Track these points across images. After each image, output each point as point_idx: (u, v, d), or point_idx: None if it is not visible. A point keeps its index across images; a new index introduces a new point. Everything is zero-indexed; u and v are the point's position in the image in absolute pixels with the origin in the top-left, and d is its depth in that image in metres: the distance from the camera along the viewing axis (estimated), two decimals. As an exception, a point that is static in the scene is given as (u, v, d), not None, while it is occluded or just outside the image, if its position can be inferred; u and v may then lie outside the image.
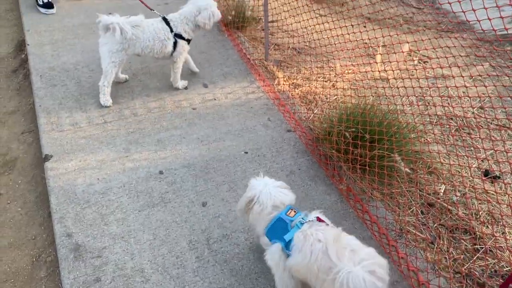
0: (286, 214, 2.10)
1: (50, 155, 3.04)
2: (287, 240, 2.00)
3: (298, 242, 1.95)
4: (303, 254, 1.91)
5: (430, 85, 3.43)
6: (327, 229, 1.98)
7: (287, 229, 2.04)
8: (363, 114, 3.02)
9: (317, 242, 1.89)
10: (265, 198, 2.12)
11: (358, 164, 2.90)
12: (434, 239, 2.71)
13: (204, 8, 3.39)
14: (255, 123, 3.50)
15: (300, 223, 2.04)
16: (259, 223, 2.16)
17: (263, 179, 2.23)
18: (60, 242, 2.53)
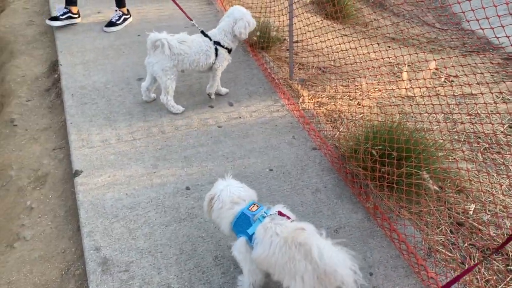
0: (248, 209, 2.17)
1: (80, 171, 3.11)
2: (250, 233, 2.09)
3: (259, 235, 2.04)
4: (263, 247, 2.00)
5: (457, 103, 3.40)
6: (286, 224, 2.04)
7: (250, 223, 2.11)
8: (390, 132, 3.01)
9: (275, 236, 1.98)
10: (224, 195, 2.21)
11: (386, 182, 2.87)
12: (465, 259, 2.64)
13: (239, 18, 3.56)
14: (279, 141, 3.52)
15: (262, 216, 2.10)
16: (222, 220, 2.24)
17: (228, 180, 2.31)
18: (88, 256, 2.56)
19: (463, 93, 3.71)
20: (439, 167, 2.82)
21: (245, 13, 3.61)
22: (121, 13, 4.92)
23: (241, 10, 3.62)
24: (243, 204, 2.21)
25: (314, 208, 2.94)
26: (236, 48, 3.78)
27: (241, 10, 3.62)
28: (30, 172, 3.29)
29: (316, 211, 2.92)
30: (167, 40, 3.34)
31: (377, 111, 3.64)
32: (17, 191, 3.14)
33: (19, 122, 3.79)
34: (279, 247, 1.94)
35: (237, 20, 3.57)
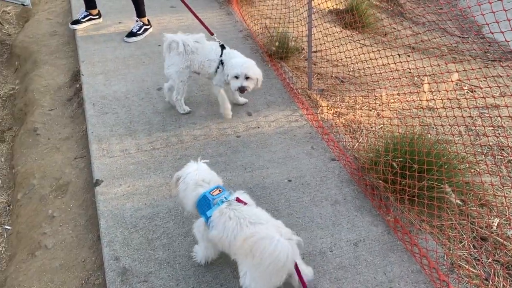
0: (210, 193, 2.30)
1: (101, 180, 3.15)
2: (208, 215, 2.24)
3: (214, 219, 2.21)
4: (218, 229, 2.18)
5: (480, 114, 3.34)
6: (241, 209, 2.20)
7: (210, 206, 2.26)
8: (411, 144, 2.97)
9: (228, 220, 2.15)
10: (189, 177, 2.37)
11: (406, 195, 2.83)
12: (489, 276, 2.57)
13: (232, 77, 3.41)
14: (298, 151, 3.51)
15: (221, 201, 2.25)
16: (186, 199, 2.39)
17: (199, 163, 2.47)
18: (108, 266, 2.58)
19: (486, 104, 3.64)
20: (462, 180, 2.77)
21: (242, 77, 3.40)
22: (142, 23, 5.00)
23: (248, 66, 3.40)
24: (207, 187, 2.35)
25: (333, 221, 2.91)
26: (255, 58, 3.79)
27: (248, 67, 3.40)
28: (52, 181, 3.34)
29: (335, 223, 2.89)
30: (182, 39, 3.44)
31: (398, 122, 3.60)
32: (39, 200, 3.19)
33: (42, 131, 3.86)
34: (231, 230, 2.12)
35: (229, 75, 3.43)
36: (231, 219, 2.15)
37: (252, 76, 3.34)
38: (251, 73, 3.33)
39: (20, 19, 6.11)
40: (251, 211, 2.22)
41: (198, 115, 3.86)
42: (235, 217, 2.15)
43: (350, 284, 2.51)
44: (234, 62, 3.36)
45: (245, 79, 3.33)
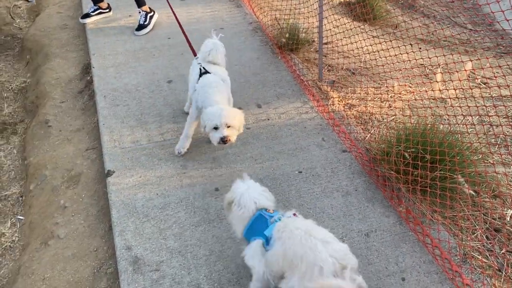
0: (266, 211, 2.17)
1: (112, 171, 3.17)
2: (267, 235, 2.07)
3: (277, 232, 2.04)
4: (282, 241, 1.99)
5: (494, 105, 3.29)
6: (304, 222, 2.08)
7: (267, 225, 2.10)
8: (423, 135, 2.94)
9: (295, 229, 1.98)
10: (244, 201, 2.18)
11: (418, 185, 2.80)
12: (502, 266, 2.55)
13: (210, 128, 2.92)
14: (309, 143, 3.49)
15: (279, 218, 2.11)
16: (237, 223, 2.24)
17: (247, 181, 2.29)
18: (120, 255, 2.60)
19: (501, 95, 3.60)
20: (475, 170, 2.74)
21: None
22: (145, 13, 4.98)
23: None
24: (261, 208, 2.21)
25: (344, 212, 2.90)
26: (264, 50, 3.74)
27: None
28: (64, 172, 3.37)
29: (346, 214, 2.88)
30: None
31: (409, 113, 3.57)
32: (52, 191, 3.22)
33: (54, 123, 3.89)
34: (299, 238, 1.93)
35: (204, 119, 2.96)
36: (298, 229, 1.98)
37: (233, 124, 2.89)
38: (231, 121, 2.87)
39: (31, 13, 6.15)
40: (317, 228, 2.03)
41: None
42: (303, 228, 1.98)
43: (362, 274, 2.46)
44: (209, 112, 2.87)
45: (226, 128, 2.87)
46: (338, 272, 1.81)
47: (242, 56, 4.55)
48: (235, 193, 2.23)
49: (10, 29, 5.70)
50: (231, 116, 2.87)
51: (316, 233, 1.95)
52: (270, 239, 2.07)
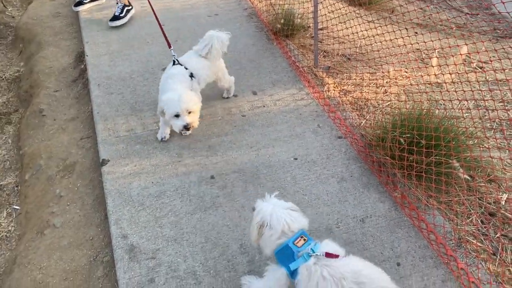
0: (294, 243, 1.98)
1: (107, 160, 3.15)
2: (292, 269, 1.93)
3: (303, 279, 1.89)
4: None
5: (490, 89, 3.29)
6: (335, 265, 1.86)
7: (294, 257, 1.95)
8: (419, 120, 2.93)
9: (322, 280, 1.83)
10: (275, 222, 2.01)
11: (414, 171, 2.80)
12: (497, 250, 2.57)
13: (171, 116, 2.91)
14: (304, 129, 3.48)
15: (308, 254, 1.92)
16: (268, 246, 2.06)
17: (271, 200, 2.13)
18: (116, 243, 2.60)
19: (497, 79, 3.58)
20: (470, 155, 2.74)
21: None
22: (122, 5, 4.87)
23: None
24: (291, 235, 2.02)
25: (339, 197, 2.90)
26: (260, 36, 3.70)
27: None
28: (58, 161, 3.35)
29: (341, 200, 2.88)
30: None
31: (405, 98, 3.55)
32: (47, 180, 3.21)
33: (48, 112, 3.86)
34: None
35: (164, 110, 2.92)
36: (325, 279, 1.82)
37: (194, 108, 2.82)
38: (192, 106, 2.80)
39: (24, 1, 6.07)
40: (349, 266, 1.87)
41: (203, 94, 3.82)
42: (330, 277, 1.82)
43: (357, 260, 2.51)
44: (166, 98, 2.79)
45: (187, 114, 2.80)
46: None
47: (237, 43, 4.50)
48: (264, 214, 2.05)
49: (3, 17, 5.63)
50: (191, 102, 2.82)
51: (346, 281, 1.78)
52: (295, 272, 1.94)
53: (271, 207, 2.06)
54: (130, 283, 2.39)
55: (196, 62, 3.27)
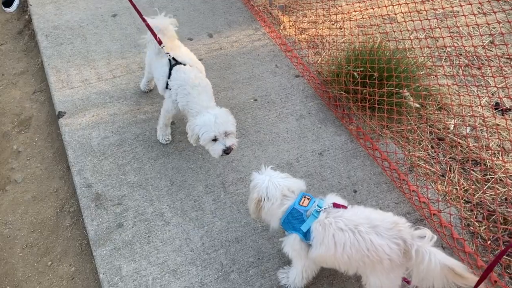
0: (300, 204, 1.94)
1: (64, 112, 3.09)
2: (304, 230, 1.89)
3: (317, 235, 1.84)
4: (326, 246, 1.82)
5: (439, 22, 3.37)
6: (347, 215, 1.85)
7: (303, 219, 1.90)
8: (371, 53, 3.00)
9: (340, 232, 1.80)
10: (273, 191, 1.95)
11: (368, 103, 2.91)
12: (445, 172, 2.75)
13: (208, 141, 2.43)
14: (262, 70, 3.50)
15: (316, 211, 1.89)
16: (272, 218, 2.01)
17: (266, 171, 2.05)
18: (81, 193, 2.62)
19: (443, 7, 3.67)
20: (420, 84, 2.86)
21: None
22: None
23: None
24: (293, 197, 1.98)
25: (299, 134, 2.99)
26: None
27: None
28: (13, 117, 3.26)
29: (301, 137, 2.97)
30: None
31: (358, 32, 3.59)
32: (2, 137, 3.13)
33: (-5, 67, 3.70)
34: (350, 243, 1.77)
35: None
36: (342, 230, 1.79)
37: (233, 129, 2.43)
38: (230, 127, 2.41)
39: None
40: (359, 214, 1.85)
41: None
42: (346, 227, 1.79)
43: (317, 190, 2.64)
44: (202, 123, 2.36)
45: (225, 136, 2.39)
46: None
47: (189, -16, 4.35)
48: (260, 188, 1.98)
49: None
50: (229, 122, 2.39)
51: (363, 226, 1.77)
52: (308, 233, 1.89)
53: (267, 179, 1.99)
54: (98, 229, 2.44)
55: (185, 53, 2.77)
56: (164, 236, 2.41)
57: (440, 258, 1.66)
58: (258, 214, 2.05)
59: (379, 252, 1.72)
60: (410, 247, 1.70)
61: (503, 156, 2.83)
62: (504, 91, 3.23)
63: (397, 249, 1.72)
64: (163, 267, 2.28)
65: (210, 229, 2.44)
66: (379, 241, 1.73)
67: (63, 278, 2.37)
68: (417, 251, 1.68)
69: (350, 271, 1.89)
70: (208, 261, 2.30)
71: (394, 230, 1.75)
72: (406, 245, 1.72)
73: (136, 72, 3.40)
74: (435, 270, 1.65)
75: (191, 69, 2.59)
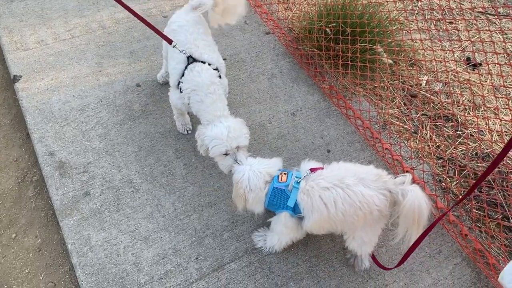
0: (278, 181, 1.90)
1: (19, 76, 2.88)
2: (291, 205, 1.86)
3: (305, 204, 1.82)
4: (318, 211, 1.79)
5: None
6: (326, 174, 1.84)
7: (287, 194, 1.87)
8: (344, 8, 2.89)
9: (325, 191, 1.77)
10: (255, 181, 1.91)
11: (340, 60, 2.83)
12: (417, 129, 2.75)
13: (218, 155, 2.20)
14: (231, 27, 3.31)
15: (297, 182, 1.87)
16: (257, 204, 1.97)
17: (246, 162, 2.00)
18: (43, 161, 2.48)
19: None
20: (393, 39, 2.79)
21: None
22: None
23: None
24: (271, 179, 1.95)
25: (270, 94, 2.90)
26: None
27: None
28: (-37, 83, 3.03)
29: (272, 97, 2.89)
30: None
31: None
32: (-47, 104, 2.92)
33: None
34: (341, 198, 1.74)
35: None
36: (328, 188, 1.77)
37: (246, 144, 2.22)
38: (243, 141, 2.19)
39: None
40: (340, 169, 1.85)
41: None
42: (331, 184, 1.77)
43: (290, 151, 2.59)
44: (213, 136, 2.13)
45: (237, 151, 2.17)
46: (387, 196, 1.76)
47: None
48: (243, 182, 1.92)
49: None
50: (242, 136, 2.17)
51: (348, 179, 1.76)
52: (296, 207, 1.86)
53: (247, 169, 1.93)
54: (64, 198, 2.33)
55: (203, 43, 2.39)
56: (134, 203, 2.33)
57: (418, 194, 1.68)
58: (245, 206, 1.99)
59: (370, 204, 1.73)
60: (396, 195, 1.72)
61: (474, 111, 2.83)
62: (475, 46, 3.21)
63: (384, 199, 1.74)
64: (134, 234, 2.21)
65: (182, 194, 2.37)
66: (369, 192, 1.73)
67: (29, 251, 2.27)
68: (402, 194, 1.70)
69: (345, 229, 1.88)
70: (181, 227, 2.25)
71: (380, 182, 1.76)
72: (392, 195, 1.74)
73: (96, 32, 3.19)
74: (415, 204, 1.68)
75: (207, 71, 2.24)
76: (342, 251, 2.19)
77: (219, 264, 2.13)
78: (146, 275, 2.08)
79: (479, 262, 2.14)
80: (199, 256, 2.15)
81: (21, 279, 2.17)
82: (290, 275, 2.10)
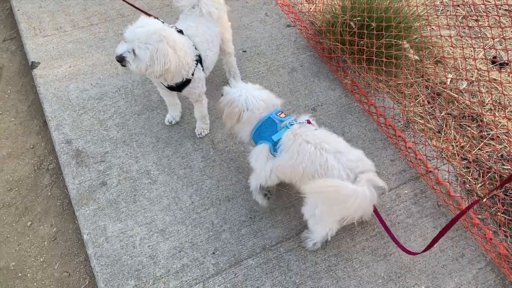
0: (277, 115, 1.98)
1: (38, 62, 2.86)
2: (275, 140, 1.92)
3: (287, 141, 1.89)
4: (290, 153, 1.87)
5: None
6: (317, 133, 1.91)
7: (276, 129, 1.94)
8: (369, 1, 2.81)
9: (305, 144, 1.85)
10: (254, 103, 1.98)
11: (364, 55, 2.75)
12: (441, 128, 2.67)
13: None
14: (251, 19, 3.28)
15: (290, 124, 1.93)
16: (246, 128, 2.05)
17: (239, 85, 2.05)
18: (60, 149, 2.46)
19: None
20: (420, 35, 2.71)
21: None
22: None
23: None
24: (271, 110, 2.03)
25: (291, 88, 2.84)
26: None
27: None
28: (-19, 68, 3.01)
29: (293, 91, 2.83)
30: None
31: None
32: (-29, 89, 2.90)
33: (-42, 12, 3.38)
34: (309, 155, 1.81)
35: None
36: (308, 143, 1.84)
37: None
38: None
39: None
40: (330, 137, 1.91)
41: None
42: (313, 142, 1.84)
43: (310, 147, 2.53)
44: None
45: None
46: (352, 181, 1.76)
47: None
48: (238, 101, 1.98)
49: None
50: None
51: (328, 145, 1.83)
52: (277, 144, 1.92)
53: (243, 92, 2.00)
54: (80, 188, 2.30)
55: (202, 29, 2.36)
56: (151, 195, 2.29)
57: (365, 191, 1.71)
58: (236, 126, 2.07)
59: (328, 172, 1.78)
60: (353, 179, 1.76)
61: (501, 111, 2.75)
62: (501, 44, 3.11)
63: (345, 178, 1.76)
64: (150, 227, 2.18)
65: (200, 187, 2.33)
66: (333, 162, 1.78)
67: (44, 239, 2.25)
68: (358, 180, 1.74)
69: (297, 183, 1.93)
70: (198, 220, 2.21)
71: (354, 163, 1.80)
72: (355, 181, 1.75)
73: (115, 20, 3.15)
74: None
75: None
76: (362, 251, 2.13)
77: (236, 259, 2.09)
78: (162, 268, 2.04)
79: (504, 268, 2.07)
80: (216, 251, 2.11)
81: (35, 268, 2.15)
82: (309, 273, 2.05)
